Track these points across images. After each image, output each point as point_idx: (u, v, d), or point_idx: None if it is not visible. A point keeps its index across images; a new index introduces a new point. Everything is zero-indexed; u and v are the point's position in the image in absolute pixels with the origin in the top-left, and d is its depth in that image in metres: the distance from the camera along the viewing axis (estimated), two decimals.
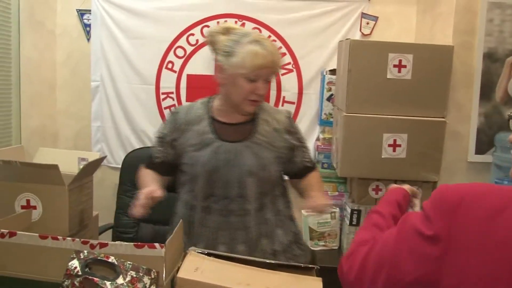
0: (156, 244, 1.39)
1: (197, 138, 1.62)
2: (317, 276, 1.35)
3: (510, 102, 2.33)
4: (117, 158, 2.93)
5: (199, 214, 1.65)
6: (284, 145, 1.67)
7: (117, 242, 1.40)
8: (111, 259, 1.35)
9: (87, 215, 1.90)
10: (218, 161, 1.58)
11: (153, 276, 1.35)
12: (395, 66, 2.20)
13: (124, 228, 2.73)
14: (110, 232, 2.74)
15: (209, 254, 1.39)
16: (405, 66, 2.20)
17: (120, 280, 1.32)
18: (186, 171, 1.65)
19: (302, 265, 1.38)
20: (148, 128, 2.90)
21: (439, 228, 0.80)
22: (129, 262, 1.34)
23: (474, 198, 0.80)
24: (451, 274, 0.78)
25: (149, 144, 2.89)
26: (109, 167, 2.97)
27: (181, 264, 1.55)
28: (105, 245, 1.40)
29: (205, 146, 1.60)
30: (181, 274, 1.27)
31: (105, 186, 2.96)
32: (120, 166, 2.80)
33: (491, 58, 2.30)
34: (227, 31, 1.57)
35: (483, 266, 0.76)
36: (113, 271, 1.33)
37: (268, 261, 1.37)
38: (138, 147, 2.89)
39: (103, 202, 2.87)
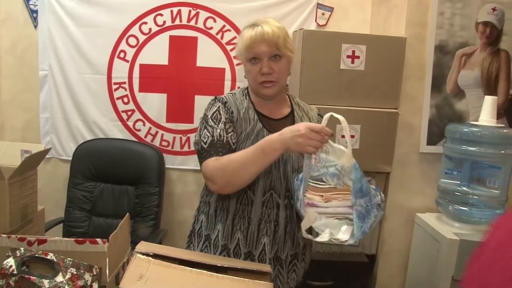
0: (98, 240, 1.34)
1: (249, 126, 1.56)
2: (271, 281, 1.35)
3: (460, 94, 2.37)
4: (68, 150, 2.83)
5: (240, 206, 1.58)
6: None
7: (56, 238, 1.34)
8: (50, 256, 1.29)
9: (31, 209, 1.82)
10: None
11: (95, 273, 1.30)
12: (348, 56, 2.21)
13: (75, 222, 2.66)
14: (60, 226, 2.66)
15: (155, 256, 1.34)
16: (358, 57, 2.21)
17: (59, 278, 1.26)
18: None
19: (255, 269, 1.36)
20: (99, 119, 2.81)
21: None
22: (69, 259, 1.29)
23: None
24: None
25: (101, 136, 2.82)
26: (59, 160, 2.87)
27: (127, 260, 1.51)
28: (44, 241, 1.33)
29: (258, 137, 1.54)
30: (124, 283, 1.21)
31: (55, 179, 2.86)
32: (70, 158, 2.73)
33: (442, 51, 2.33)
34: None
35: None
36: (52, 268, 1.28)
37: (219, 264, 1.34)
38: (89, 138, 2.81)
39: (53, 196, 2.82)
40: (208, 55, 2.77)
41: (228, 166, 1.45)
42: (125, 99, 2.81)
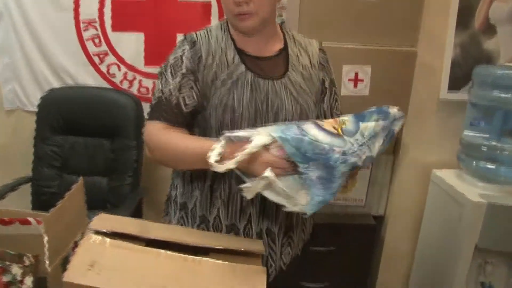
0: (31, 219, 1.02)
1: (225, 70, 1.26)
2: (263, 265, 1.11)
3: (490, 31, 2.05)
4: (33, 99, 2.50)
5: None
6: (319, 86, 1.37)
7: None
8: None
9: None
10: (258, 102, 1.26)
11: (27, 263, 0.99)
12: None
13: (45, 181, 2.40)
14: (29, 186, 2.39)
15: (114, 235, 1.04)
16: None
17: None
18: (210, 118, 1.26)
19: (243, 249, 1.10)
20: (67, 63, 2.46)
21: None
22: None
23: None
24: None
25: (69, 82, 2.49)
26: (24, 111, 2.55)
27: (80, 239, 1.21)
28: None
29: (238, 82, 1.26)
30: (69, 275, 0.90)
31: (20, 133, 2.56)
32: (36, 109, 2.40)
33: None
34: None
35: None
36: None
37: (200, 244, 1.07)
38: (56, 85, 2.48)
39: (19, 152, 2.55)
40: None
41: (166, 151, 1.24)
42: (96, 40, 2.45)
